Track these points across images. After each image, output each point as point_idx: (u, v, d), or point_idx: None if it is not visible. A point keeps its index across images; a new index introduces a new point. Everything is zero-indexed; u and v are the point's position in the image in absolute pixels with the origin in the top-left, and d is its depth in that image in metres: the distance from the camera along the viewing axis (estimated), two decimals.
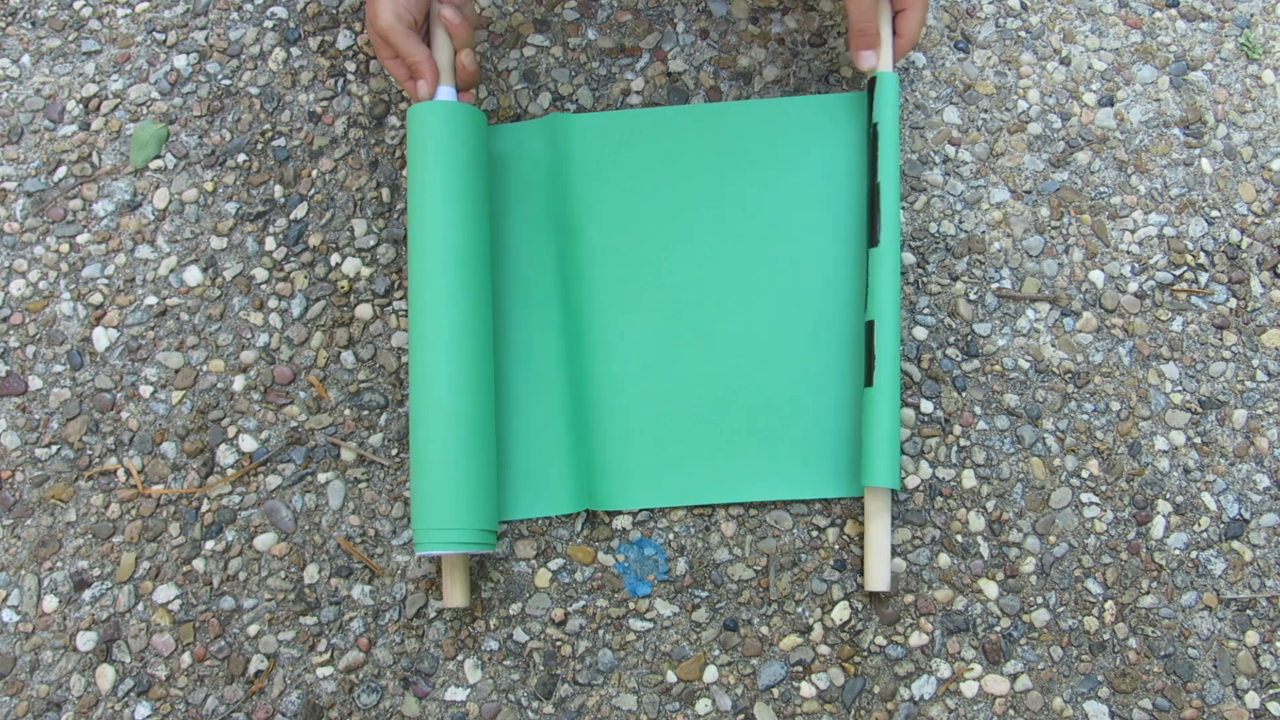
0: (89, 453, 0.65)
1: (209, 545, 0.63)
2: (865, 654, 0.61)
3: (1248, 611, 0.62)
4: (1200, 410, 0.66)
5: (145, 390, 0.66)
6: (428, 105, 0.62)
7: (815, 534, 0.63)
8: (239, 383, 0.66)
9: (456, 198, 0.61)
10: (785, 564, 0.63)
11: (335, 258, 0.69)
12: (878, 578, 0.60)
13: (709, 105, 0.71)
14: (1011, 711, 0.60)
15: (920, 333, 0.67)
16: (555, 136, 0.70)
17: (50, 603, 0.62)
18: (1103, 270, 0.69)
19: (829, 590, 0.62)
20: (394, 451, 0.65)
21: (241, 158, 0.71)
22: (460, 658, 0.61)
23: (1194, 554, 0.63)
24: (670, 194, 0.69)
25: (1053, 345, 0.67)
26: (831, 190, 0.68)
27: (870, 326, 0.62)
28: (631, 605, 0.62)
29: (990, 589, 0.62)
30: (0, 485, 0.64)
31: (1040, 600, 0.62)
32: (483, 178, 0.64)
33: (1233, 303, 0.68)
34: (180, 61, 0.73)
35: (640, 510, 0.64)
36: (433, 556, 0.62)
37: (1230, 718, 0.60)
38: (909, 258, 0.69)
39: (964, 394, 0.66)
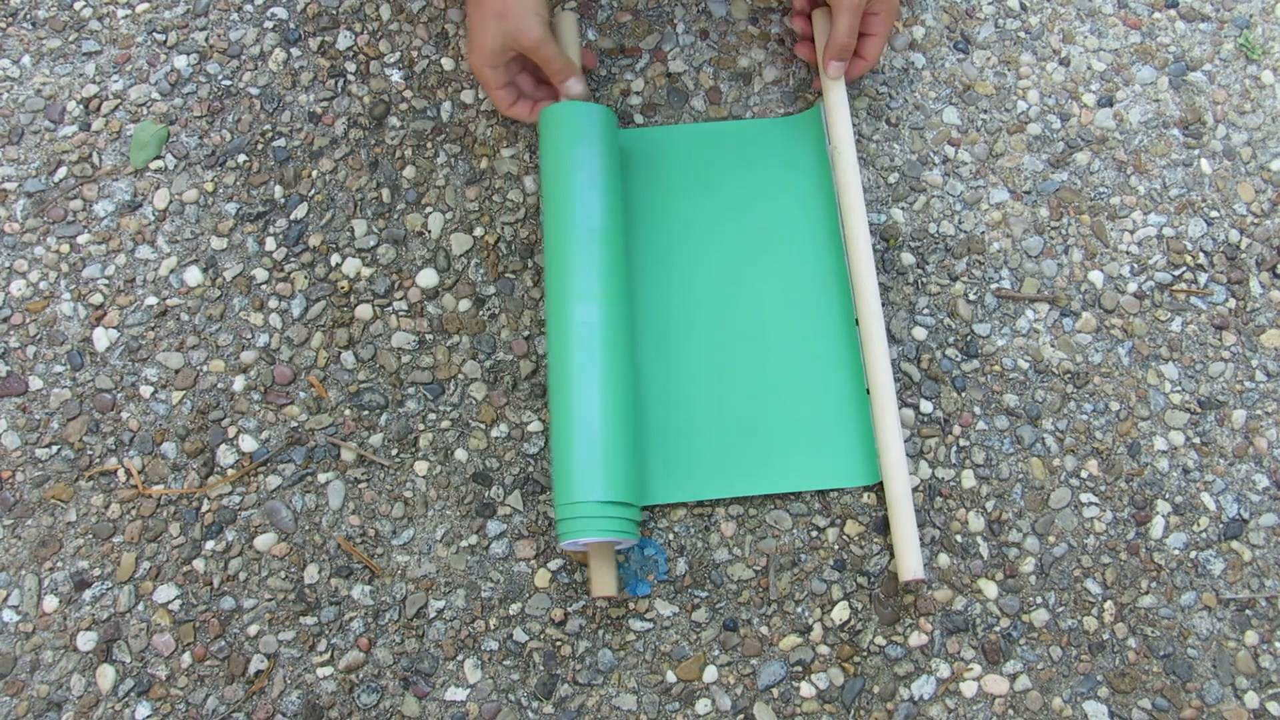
0: (89, 453, 0.65)
1: (209, 545, 0.63)
2: (865, 654, 0.61)
3: (1247, 611, 0.62)
4: (1199, 410, 0.66)
5: (145, 390, 0.66)
6: (580, 106, 0.65)
7: (815, 534, 0.63)
8: (239, 383, 0.66)
9: (607, 193, 0.64)
10: (785, 564, 0.63)
11: (335, 258, 0.69)
12: (910, 566, 0.60)
13: (683, 126, 0.72)
14: (1011, 711, 0.60)
15: (920, 333, 0.67)
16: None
17: (50, 603, 0.62)
18: (1102, 271, 0.69)
19: (829, 590, 0.62)
20: (394, 451, 0.65)
21: (242, 158, 0.71)
22: (460, 658, 0.61)
23: (1193, 554, 0.63)
24: (665, 207, 0.70)
25: (1052, 345, 0.67)
26: (800, 204, 0.69)
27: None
28: (631, 605, 0.62)
29: (990, 589, 0.63)
30: (1, 485, 0.64)
31: (1040, 600, 0.62)
32: (620, 175, 0.66)
33: (1232, 303, 0.68)
34: (180, 62, 0.74)
35: (642, 510, 0.64)
36: (581, 546, 0.61)
37: (1230, 718, 0.61)
38: (909, 258, 0.69)
39: (963, 394, 0.66)
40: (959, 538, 0.63)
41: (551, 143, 0.65)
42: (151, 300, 0.68)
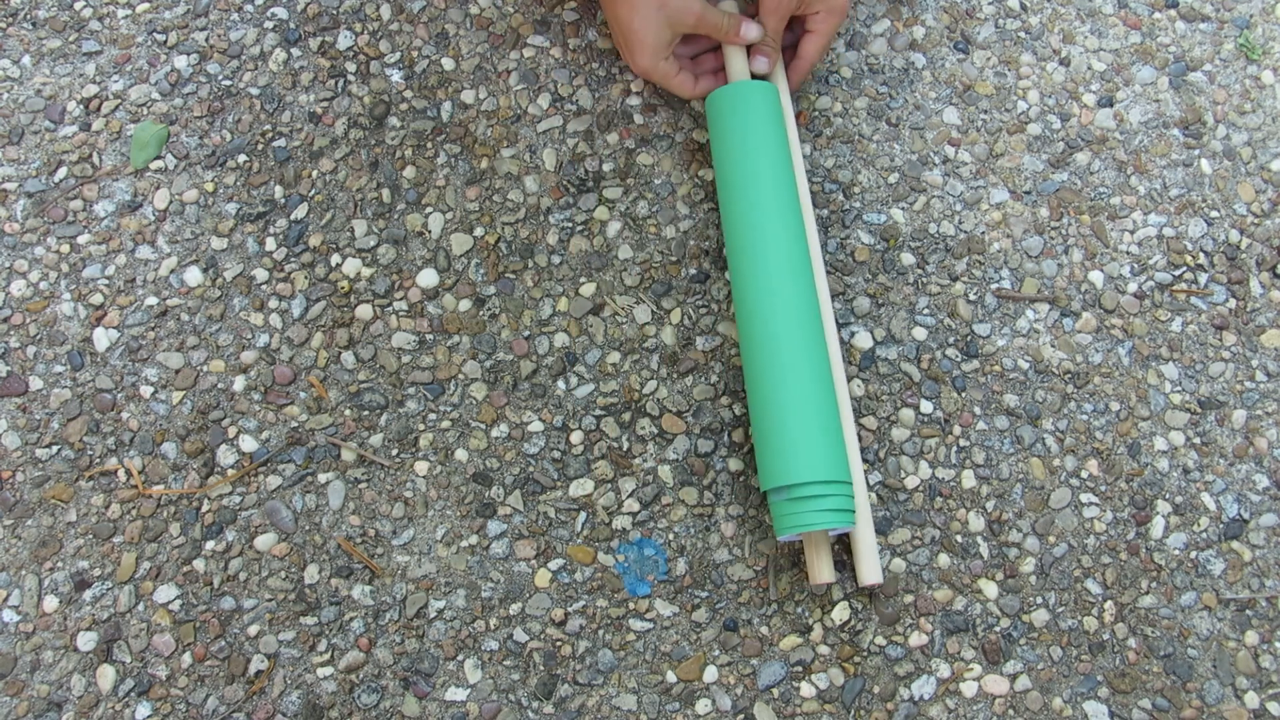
0: (89, 453, 0.65)
1: (209, 545, 0.63)
2: (865, 654, 0.61)
3: (1247, 611, 0.62)
4: (1200, 410, 0.66)
5: (145, 390, 0.66)
6: (760, 86, 0.65)
7: None
8: (239, 383, 0.66)
9: (786, 170, 0.64)
10: (785, 564, 0.63)
11: (335, 258, 0.69)
12: (869, 571, 0.60)
13: None
14: (1011, 711, 0.60)
15: (920, 333, 0.67)
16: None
17: (51, 603, 0.62)
18: (1102, 271, 0.69)
19: (829, 590, 0.62)
20: (394, 451, 0.65)
21: (242, 158, 0.71)
22: (460, 658, 0.61)
23: (1193, 554, 0.63)
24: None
25: (1052, 345, 0.67)
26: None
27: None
28: (631, 605, 0.62)
29: (990, 589, 0.63)
30: (1, 485, 0.64)
31: (1040, 600, 0.62)
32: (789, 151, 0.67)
33: (1232, 303, 0.68)
34: (181, 62, 0.74)
35: (640, 509, 0.64)
36: (795, 538, 0.60)
37: (1230, 718, 0.61)
38: (909, 258, 0.69)
39: (964, 394, 0.66)
40: (959, 538, 0.63)
41: (729, 125, 0.65)
42: (152, 300, 0.68)
